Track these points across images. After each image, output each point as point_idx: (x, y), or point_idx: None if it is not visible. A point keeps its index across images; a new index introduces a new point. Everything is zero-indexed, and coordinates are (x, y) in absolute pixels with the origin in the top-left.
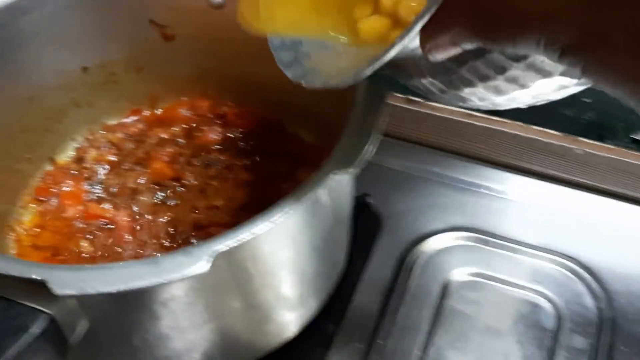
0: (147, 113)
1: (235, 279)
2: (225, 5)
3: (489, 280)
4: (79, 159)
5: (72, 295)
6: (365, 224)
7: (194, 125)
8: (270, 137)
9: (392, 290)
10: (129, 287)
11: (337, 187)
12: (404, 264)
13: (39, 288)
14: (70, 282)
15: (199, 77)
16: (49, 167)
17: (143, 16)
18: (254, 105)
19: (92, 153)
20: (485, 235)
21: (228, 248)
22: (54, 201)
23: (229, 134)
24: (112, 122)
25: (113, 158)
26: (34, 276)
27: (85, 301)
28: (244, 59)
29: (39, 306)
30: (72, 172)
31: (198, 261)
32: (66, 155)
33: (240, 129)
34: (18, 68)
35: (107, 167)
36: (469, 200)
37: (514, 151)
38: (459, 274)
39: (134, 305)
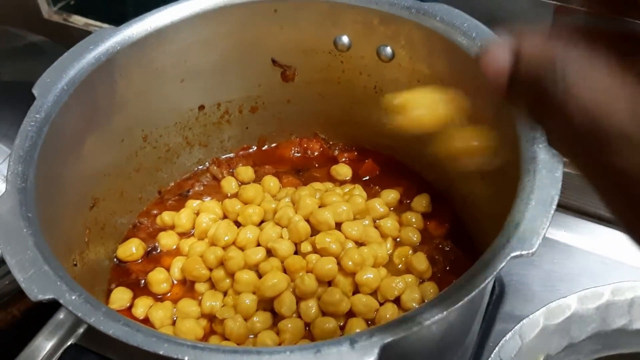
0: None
1: None
2: (352, 47)
3: None
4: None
5: None
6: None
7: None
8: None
9: None
10: None
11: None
12: None
13: None
14: None
15: (310, 118)
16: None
17: (266, 55)
18: (367, 149)
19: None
20: None
21: (394, 339)
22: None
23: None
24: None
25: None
26: (186, 358)
27: None
28: (363, 104)
29: None
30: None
31: (366, 355)
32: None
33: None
34: (139, 105)
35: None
36: (599, 266)
37: None
38: None
39: None
